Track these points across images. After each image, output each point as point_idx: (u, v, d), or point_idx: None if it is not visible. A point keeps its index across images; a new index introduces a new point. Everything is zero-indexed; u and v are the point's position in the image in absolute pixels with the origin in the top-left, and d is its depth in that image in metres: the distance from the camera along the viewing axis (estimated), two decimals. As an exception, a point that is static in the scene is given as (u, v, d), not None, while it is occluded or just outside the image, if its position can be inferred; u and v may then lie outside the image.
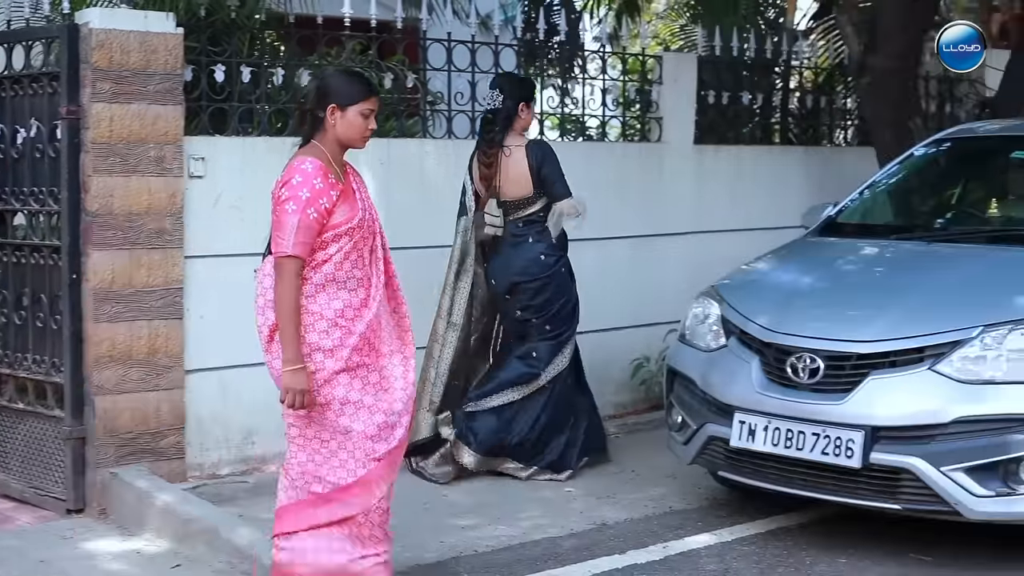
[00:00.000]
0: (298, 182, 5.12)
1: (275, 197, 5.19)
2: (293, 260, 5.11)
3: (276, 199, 5.18)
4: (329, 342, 5.20)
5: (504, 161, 7.76)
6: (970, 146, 8.63)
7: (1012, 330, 6.06)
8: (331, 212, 5.19)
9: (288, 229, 5.09)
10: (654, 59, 10.11)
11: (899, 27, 9.82)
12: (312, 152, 5.25)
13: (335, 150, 5.32)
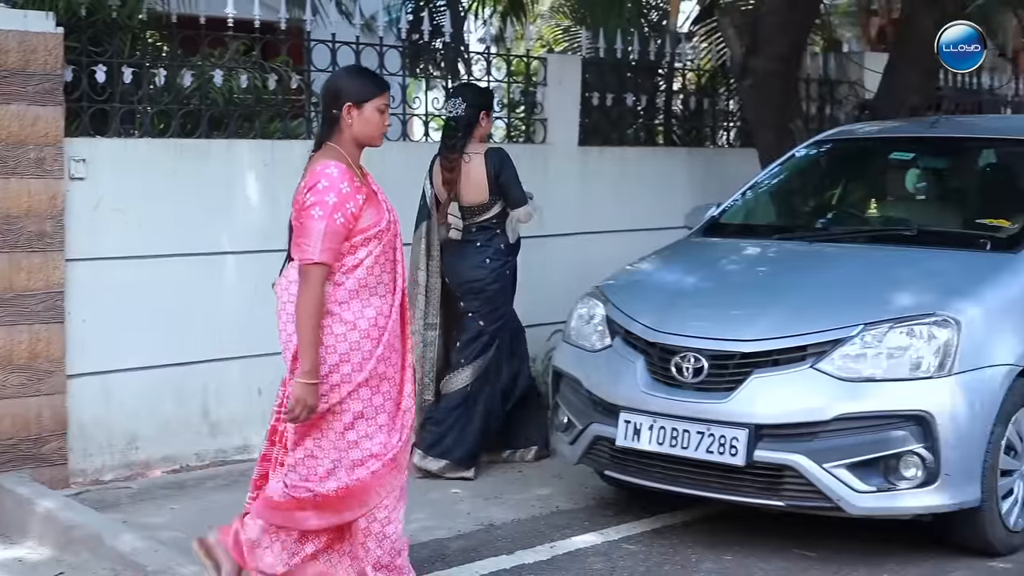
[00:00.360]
0: (324, 187, 5.04)
1: (299, 203, 5.10)
2: (319, 267, 5.01)
3: (300, 205, 5.08)
4: (359, 355, 5.13)
5: (464, 167, 7.91)
6: (850, 147, 8.76)
7: (891, 328, 6.16)
8: (358, 217, 5.10)
9: (315, 235, 4.99)
10: (539, 61, 10.15)
11: (780, 30, 9.93)
12: (332, 155, 5.16)
13: (353, 151, 5.25)
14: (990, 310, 6.42)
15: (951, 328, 6.14)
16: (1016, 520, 6.42)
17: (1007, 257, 6.83)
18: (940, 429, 5.96)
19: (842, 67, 12.43)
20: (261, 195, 8.20)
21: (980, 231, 7.25)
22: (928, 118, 9.60)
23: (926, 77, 10.56)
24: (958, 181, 8.48)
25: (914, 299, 6.43)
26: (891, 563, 6.25)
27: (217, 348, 8.04)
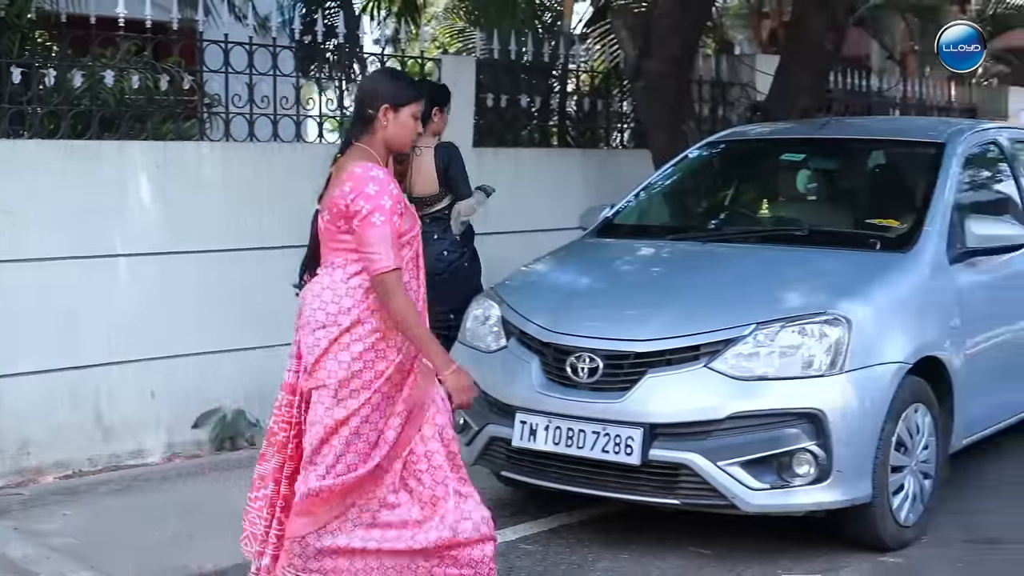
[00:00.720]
0: (376, 191, 4.92)
1: (346, 209, 4.94)
2: (397, 272, 4.91)
3: (351, 212, 4.93)
4: (384, 363, 5.02)
5: (415, 160, 8.25)
6: (742, 148, 8.85)
7: (783, 327, 6.23)
8: (403, 218, 5.04)
9: (383, 241, 4.88)
10: (433, 62, 10.15)
11: (673, 32, 10.01)
12: (366, 157, 5.05)
13: (383, 154, 5.13)
14: (880, 309, 6.52)
15: (842, 327, 6.22)
16: (907, 515, 6.52)
17: (896, 256, 6.93)
18: (832, 427, 6.03)
19: (734, 69, 12.56)
20: (153, 197, 8.12)
21: (870, 231, 7.34)
22: (818, 120, 9.73)
23: (816, 79, 10.70)
24: (848, 182, 8.60)
25: (806, 298, 6.50)
26: (785, 559, 6.32)
27: (110, 351, 7.95)
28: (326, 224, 5.07)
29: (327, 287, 5.04)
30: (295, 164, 8.82)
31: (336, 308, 5.00)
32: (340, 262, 5.04)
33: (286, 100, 8.92)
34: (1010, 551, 6.53)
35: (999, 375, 7.52)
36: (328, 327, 5.00)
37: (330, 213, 5.02)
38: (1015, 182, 8.18)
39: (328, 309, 5.01)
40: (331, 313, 5.00)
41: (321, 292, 5.05)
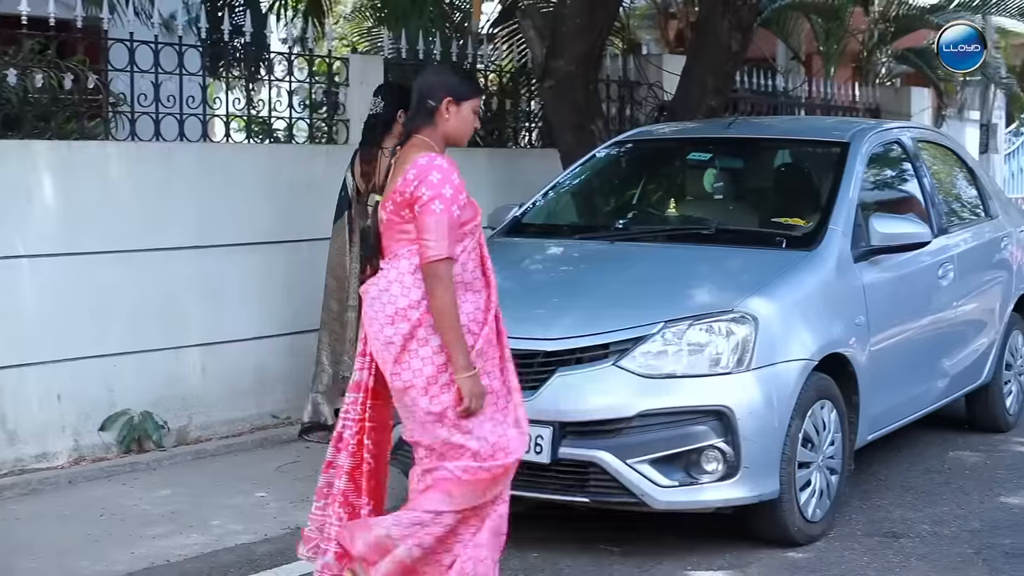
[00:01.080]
0: (438, 179, 4.94)
1: (409, 197, 4.95)
2: (448, 262, 4.91)
3: (413, 199, 4.94)
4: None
5: (382, 160, 8.32)
6: (649, 148, 8.91)
7: (691, 325, 6.28)
8: (464, 208, 5.02)
9: (439, 229, 4.89)
10: (341, 61, 10.10)
11: (580, 32, 10.04)
12: (429, 148, 5.07)
13: (441, 147, 5.15)
14: (786, 307, 6.59)
15: (749, 324, 6.28)
16: (814, 511, 6.60)
17: (802, 255, 7.00)
18: (739, 423, 6.09)
19: (641, 69, 12.62)
20: (57, 197, 8.02)
21: (776, 229, 7.42)
22: (725, 119, 9.81)
23: (722, 79, 10.77)
24: (754, 181, 8.68)
25: (713, 297, 6.56)
26: (694, 556, 6.37)
27: (14, 354, 7.84)
28: (390, 215, 5.05)
29: (394, 280, 5.02)
30: (202, 163, 8.76)
31: (406, 302, 4.98)
32: (405, 253, 5.01)
33: (192, 99, 8.85)
34: (912, 545, 6.63)
35: (903, 371, 7.63)
36: (399, 323, 4.98)
37: (394, 204, 5.01)
38: (918, 181, 8.30)
39: (397, 304, 4.99)
40: (400, 308, 4.98)
41: (388, 286, 5.03)
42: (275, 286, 9.17)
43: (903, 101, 16.91)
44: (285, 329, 9.22)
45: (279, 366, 9.18)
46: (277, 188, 9.18)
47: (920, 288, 7.93)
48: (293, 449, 8.54)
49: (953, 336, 8.31)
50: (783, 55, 18.38)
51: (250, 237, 8.99)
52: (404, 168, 5.03)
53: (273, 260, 9.16)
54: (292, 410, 9.15)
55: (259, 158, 9.29)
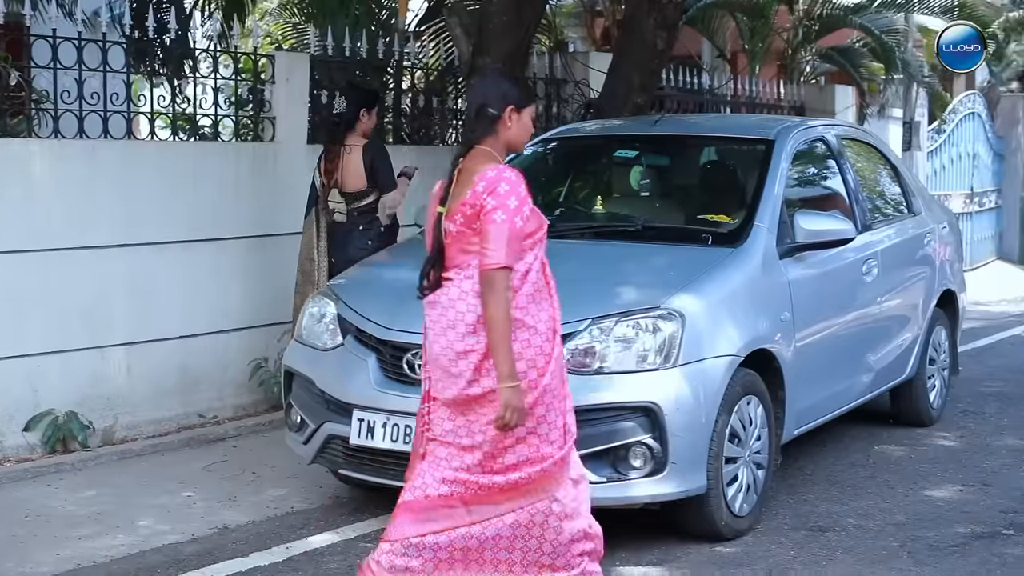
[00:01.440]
0: (505, 191, 4.95)
1: (475, 207, 4.97)
2: (506, 271, 4.91)
3: (478, 209, 4.96)
4: (543, 358, 5.03)
5: (345, 157, 8.98)
6: (576, 145, 8.93)
7: (618, 322, 6.30)
8: (528, 220, 5.01)
9: (500, 238, 4.89)
10: (266, 58, 10.06)
11: (506, 29, 10.05)
12: (493, 159, 5.11)
13: (502, 155, 5.18)
14: (712, 303, 6.62)
15: (675, 321, 6.30)
16: (741, 505, 6.64)
17: (728, 251, 7.04)
18: (667, 419, 6.12)
19: (568, 67, 12.65)
20: (-21, 195, 7.95)
21: (702, 226, 7.46)
22: (651, 117, 9.84)
23: (648, 77, 10.82)
24: (680, 178, 8.71)
25: (640, 294, 6.58)
26: (623, 551, 6.38)
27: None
28: (460, 228, 5.05)
29: (470, 291, 5.03)
30: (127, 161, 8.69)
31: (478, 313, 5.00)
32: (476, 264, 5.02)
33: (117, 96, 8.79)
34: (838, 538, 6.69)
35: (829, 366, 7.68)
36: (480, 332, 4.99)
37: (464, 216, 5.02)
38: (842, 178, 8.36)
39: (479, 311, 4.99)
40: (482, 316, 4.98)
41: (464, 296, 5.05)
42: (201, 284, 9.12)
43: (827, 99, 17.06)
44: (212, 328, 9.18)
45: (206, 365, 9.14)
46: (203, 186, 9.13)
47: (844, 284, 8.00)
48: (220, 448, 8.51)
49: (877, 332, 8.39)
50: (709, 53, 18.50)
51: (176, 235, 8.94)
52: (471, 180, 5.05)
53: (199, 258, 9.11)
54: (219, 409, 9.12)
55: (184, 156, 9.24)
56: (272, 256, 9.57)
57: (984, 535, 6.78)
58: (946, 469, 8.14)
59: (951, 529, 6.87)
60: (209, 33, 10.70)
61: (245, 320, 9.36)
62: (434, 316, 5.12)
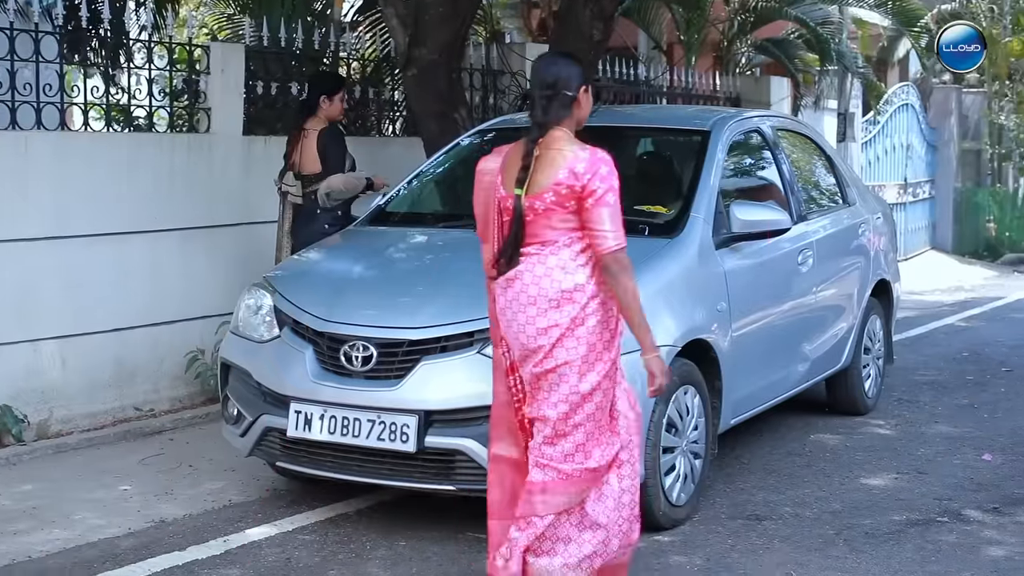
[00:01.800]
0: (607, 172, 5.15)
1: (580, 190, 5.12)
2: (625, 250, 5.15)
3: (586, 192, 5.12)
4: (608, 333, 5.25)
5: (303, 142, 9.13)
6: (512, 136, 8.84)
7: (555, 313, 6.30)
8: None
9: (615, 219, 5.12)
10: (202, 49, 10.00)
11: (443, 20, 10.03)
12: (572, 139, 5.28)
13: (574, 133, 5.35)
14: (649, 294, 6.56)
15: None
16: (679, 495, 6.67)
17: (664, 242, 7.06)
18: (604, 409, 6.12)
19: (504, 58, 12.65)
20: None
21: (638, 217, 7.46)
22: (587, 108, 9.83)
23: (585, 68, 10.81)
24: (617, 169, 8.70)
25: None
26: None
27: None
28: (549, 206, 5.17)
29: (556, 266, 5.18)
30: (60, 152, 8.61)
31: (572, 284, 5.14)
32: (566, 240, 5.18)
33: (50, 87, 8.70)
34: (775, 527, 6.73)
35: (765, 356, 7.73)
36: (565, 306, 5.15)
37: (557, 196, 5.14)
38: (777, 168, 8.41)
39: (563, 286, 5.14)
40: (567, 290, 5.14)
41: (550, 272, 5.18)
42: (136, 277, 9.06)
43: (763, 90, 17.14)
44: (147, 320, 9.12)
45: (141, 358, 9.08)
46: (137, 177, 9.06)
47: (780, 274, 8.05)
48: (156, 442, 8.46)
49: (813, 321, 8.44)
50: (645, 44, 18.53)
51: (110, 227, 8.87)
52: (556, 160, 5.19)
53: (134, 250, 9.05)
54: (155, 402, 9.07)
55: (119, 147, 9.16)
56: (208, 248, 9.52)
57: (919, 522, 6.85)
58: (881, 457, 8.21)
59: (886, 517, 6.93)
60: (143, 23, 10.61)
61: (181, 312, 9.30)
62: (512, 293, 5.25)
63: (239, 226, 9.78)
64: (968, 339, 13.32)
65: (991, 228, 24.39)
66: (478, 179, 5.54)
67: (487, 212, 5.43)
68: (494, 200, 5.36)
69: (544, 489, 5.21)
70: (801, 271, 8.20)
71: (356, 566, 6.12)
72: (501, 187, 5.33)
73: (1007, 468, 8.01)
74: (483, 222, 5.47)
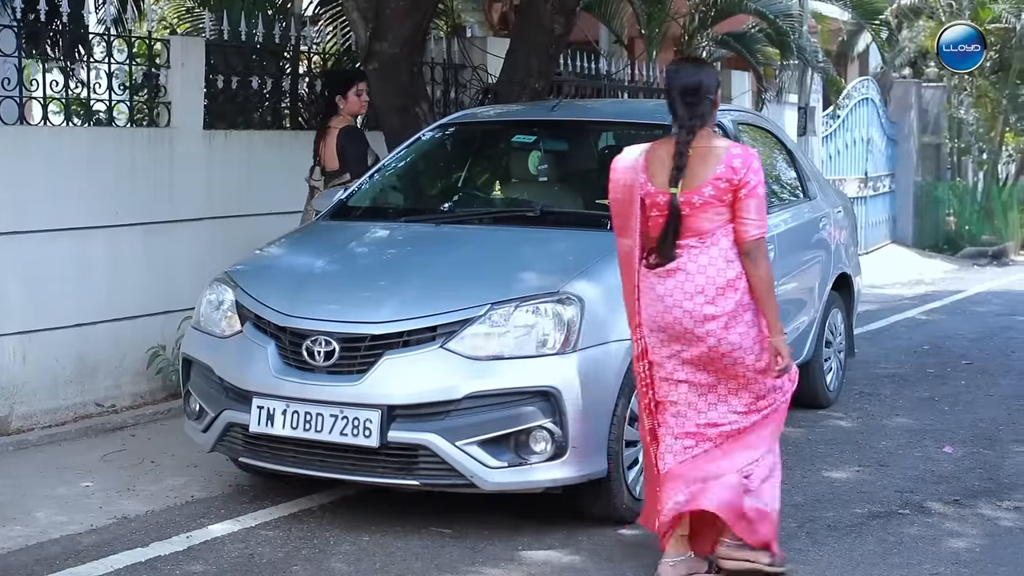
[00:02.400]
0: (758, 166, 5.63)
1: (737, 183, 5.59)
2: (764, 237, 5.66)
3: (741, 184, 5.58)
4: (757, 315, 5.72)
5: (327, 139, 9.40)
6: (474, 130, 8.92)
7: (518, 307, 6.31)
8: None
9: (761, 209, 5.62)
10: (161, 43, 9.95)
11: (404, 14, 10.01)
12: (716, 136, 5.79)
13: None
14: (611, 287, 6.61)
15: (574, 305, 6.33)
16: (641, 489, 6.67)
17: (626, 236, 7.06)
18: (566, 403, 6.14)
19: (466, 52, 12.64)
20: None
21: (600, 211, 7.47)
22: (549, 102, 9.85)
23: (546, 62, 10.82)
24: (579, 163, 8.73)
25: (539, 278, 6.59)
26: (524, 536, 6.41)
27: None
28: (707, 200, 5.61)
29: (718, 256, 5.63)
30: (19, 147, 8.56)
31: (734, 274, 5.61)
32: (722, 232, 5.63)
33: (8, 81, 8.65)
34: (739, 520, 6.75)
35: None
36: (729, 294, 5.60)
37: (716, 190, 5.60)
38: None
39: (728, 276, 5.60)
40: (731, 279, 5.60)
41: (713, 261, 5.62)
42: (97, 272, 9.01)
43: (724, 84, 17.14)
44: (108, 316, 9.07)
45: (103, 354, 9.03)
46: (98, 172, 9.01)
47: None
48: (118, 437, 8.42)
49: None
50: (606, 38, 18.54)
51: (70, 222, 8.82)
52: (710, 158, 5.64)
53: (94, 245, 8.99)
54: (117, 398, 9.02)
55: (78, 141, 9.10)
56: (169, 242, 9.48)
57: (880, 515, 6.89)
58: (843, 450, 8.25)
59: (848, 509, 6.96)
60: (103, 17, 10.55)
61: (143, 307, 9.25)
62: (673, 283, 5.66)
63: (200, 220, 9.74)
64: (928, 332, 13.40)
65: (951, 222, 24.55)
66: (613, 178, 5.92)
67: (626, 208, 5.82)
68: (637, 197, 5.75)
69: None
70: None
71: (319, 561, 6.11)
72: (648, 184, 5.73)
73: (968, 460, 8.06)
74: (621, 218, 5.86)
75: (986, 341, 12.95)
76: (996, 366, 11.47)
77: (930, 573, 6.01)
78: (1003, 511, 6.99)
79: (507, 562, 6.10)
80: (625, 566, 6.08)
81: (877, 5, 19.86)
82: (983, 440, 8.58)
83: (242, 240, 9.11)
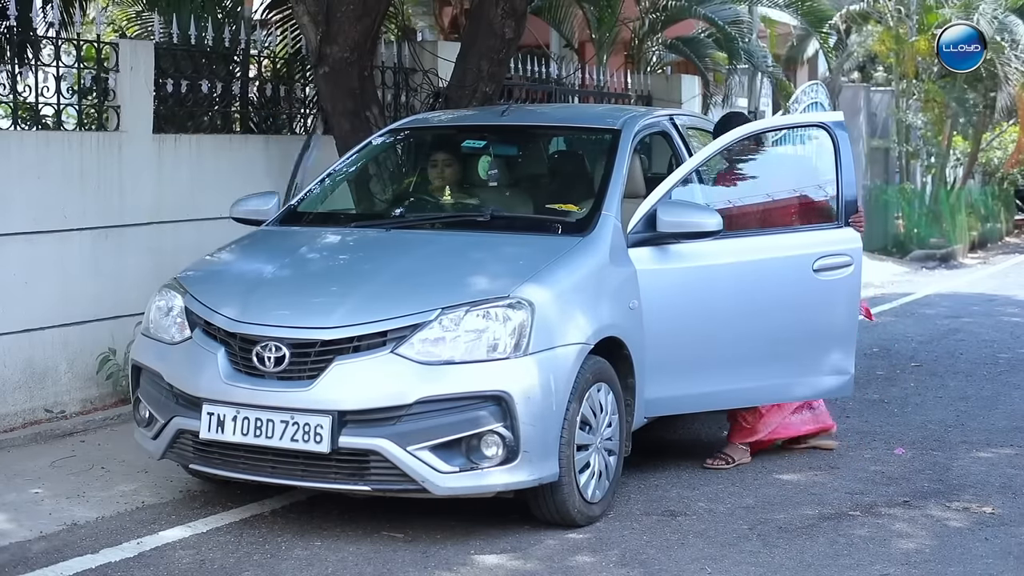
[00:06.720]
0: None
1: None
2: None
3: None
4: None
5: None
6: (424, 135, 8.92)
7: (468, 312, 6.32)
8: None
9: None
10: (110, 46, 9.90)
11: (354, 17, 10.00)
12: None
13: None
14: (562, 291, 6.66)
15: (525, 310, 6.34)
16: (593, 492, 6.70)
17: (576, 240, 7.09)
18: (518, 408, 6.15)
19: (416, 56, 12.62)
20: None
21: (551, 216, 7.50)
22: (499, 107, 9.87)
23: (496, 66, 10.83)
24: (529, 168, 8.75)
25: (489, 283, 6.60)
26: (476, 540, 6.42)
27: None
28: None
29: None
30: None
31: None
32: None
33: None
34: (689, 522, 6.78)
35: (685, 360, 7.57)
36: None
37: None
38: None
39: None
40: None
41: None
42: (46, 277, 8.95)
43: (673, 89, 17.24)
44: (57, 321, 9.01)
45: (51, 359, 8.97)
46: (46, 177, 8.95)
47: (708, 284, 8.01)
48: (68, 443, 8.36)
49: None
50: (557, 43, 18.57)
51: (18, 227, 8.76)
52: None
53: (43, 250, 8.93)
54: (66, 404, 8.97)
55: (26, 146, 9.04)
56: (118, 247, 9.43)
57: (831, 516, 6.93)
58: (794, 452, 8.29)
59: (799, 511, 7.01)
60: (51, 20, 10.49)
61: (92, 312, 9.20)
62: None
63: (150, 225, 9.69)
64: (878, 335, 13.49)
65: (900, 225, 24.71)
66: None
67: None
68: None
69: None
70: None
71: (271, 566, 6.09)
72: None
73: (917, 462, 8.12)
74: None
75: (934, 343, 13.05)
76: (944, 368, 11.57)
77: (880, 574, 6.06)
78: (952, 512, 7.05)
79: (459, 566, 6.10)
80: (576, 570, 6.09)
81: (825, 12, 19.97)
82: (932, 442, 8.65)
83: (192, 245, 9.07)
